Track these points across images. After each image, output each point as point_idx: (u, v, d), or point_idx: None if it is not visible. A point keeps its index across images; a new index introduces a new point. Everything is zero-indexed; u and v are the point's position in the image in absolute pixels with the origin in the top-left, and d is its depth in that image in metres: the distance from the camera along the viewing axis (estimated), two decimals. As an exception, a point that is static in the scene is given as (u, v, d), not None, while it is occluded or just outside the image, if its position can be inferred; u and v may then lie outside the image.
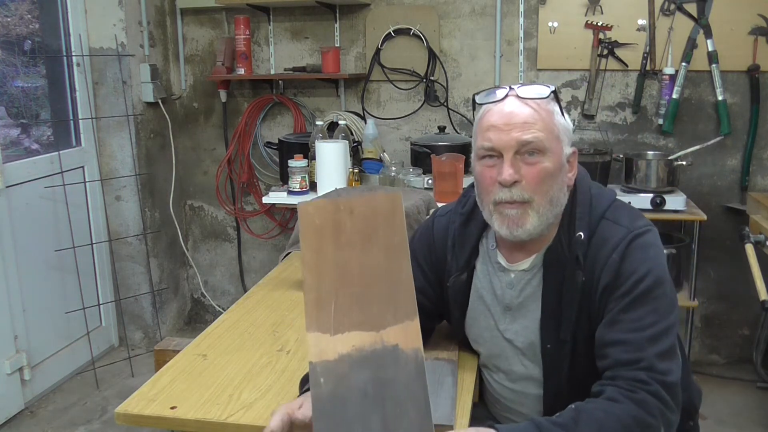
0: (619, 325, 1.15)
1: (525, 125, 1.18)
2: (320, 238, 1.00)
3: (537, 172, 1.18)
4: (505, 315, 1.31)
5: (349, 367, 0.94)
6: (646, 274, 1.16)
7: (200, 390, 1.25)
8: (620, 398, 1.09)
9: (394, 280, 0.99)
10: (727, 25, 2.77)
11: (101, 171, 3.17)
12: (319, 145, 2.68)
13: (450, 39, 3.08)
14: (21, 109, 3.00)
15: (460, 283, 1.35)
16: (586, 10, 2.88)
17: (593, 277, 1.20)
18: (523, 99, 1.20)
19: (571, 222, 1.24)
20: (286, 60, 3.25)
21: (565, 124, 1.23)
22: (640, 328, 1.14)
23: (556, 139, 1.21)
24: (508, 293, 1.30)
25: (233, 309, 1.66)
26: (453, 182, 2.63)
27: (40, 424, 2.67)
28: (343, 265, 0.98)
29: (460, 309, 1.37)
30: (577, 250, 1.21)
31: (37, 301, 2.83)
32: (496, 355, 1.35)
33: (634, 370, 1.11)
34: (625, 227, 1.21)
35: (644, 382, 1.10)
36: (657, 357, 1.12)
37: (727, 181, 2.94)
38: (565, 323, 1.22)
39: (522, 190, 1.18)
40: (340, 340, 0.95)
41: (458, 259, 1.36)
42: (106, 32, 3.06)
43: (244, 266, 3.58)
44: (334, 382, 0.92)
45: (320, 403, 0.91)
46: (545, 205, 1.20)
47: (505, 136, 1.18)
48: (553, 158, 1.19)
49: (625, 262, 1.18)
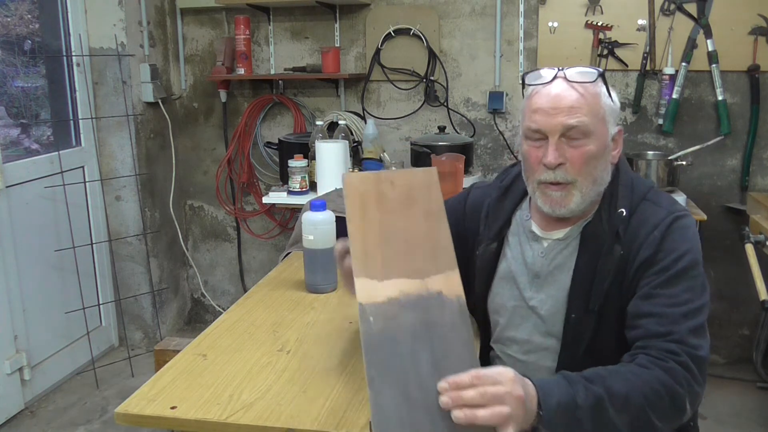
0: (655, 299, 1.18)
1: (571, 110, 1.21)
2: (364, 204, 1.07)
3: (581, 154, 1.22)
4: (533, 283, 1.33)
5: (398, 309, 0.99)
6: (685, 253, 1.20)
7: (200, 390, 1.25)
8: (650, 365, 1.11)
9: (434, 238, 1.06)
10: (727, 25, 2.77)
11: (101, 171, 3.17)
12: (319, 145, 2.68)
13: (450, 39, 3.08)
14: (21, 109, 3.01)
15: (490, 253, 1.39)
16: (586, 10, 2.88)
17: (631, 251, 1.22)
18: (571, 82, 1.23)
19: (612, 199, 1.27)
20: (286, 60, 3.25)
21: (611, 105, 1.26)
22: (676, 304, 1.17)
23: (602, 121, 1.23)
24: (539, 261, 1.32)
25: (233, 309, 1.66)
26: (453, 182, 2.62)
27: (40, 424, 2.67)
28: (387, 226, 1.06)
29: (486, 279, 1.40)
30: (617, 225, 1.24)
31: (37, 301, 2.83)
32: (515, 325, 1.36)
33: (665, 341, 1.14)
34: (666, 209, 1.25)
35: (674, 353, 1.12)
36: (689, 332, 1.15)
37: (727, 181, 2.94)
38: (596, 294, 1.24)
39: (566, 172, 1.23)
40: (387, 286, 1.01)
41: (490, 229, 1.40)
42: (106, 32, 3.06)
43: (244, 266, 3.58)
44: (383, 321, 0.97)
45: (371, 339, 0.95)
46: (588, 185, 1.24)
47: (552, 119, 1.22)
48: (597, 140, 1.23)
49: (666, 240, 1.21)
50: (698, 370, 1.14)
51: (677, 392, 1.10)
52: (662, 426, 1.11)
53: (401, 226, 1.06)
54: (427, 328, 0.99)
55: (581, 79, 1.23)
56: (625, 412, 1.06)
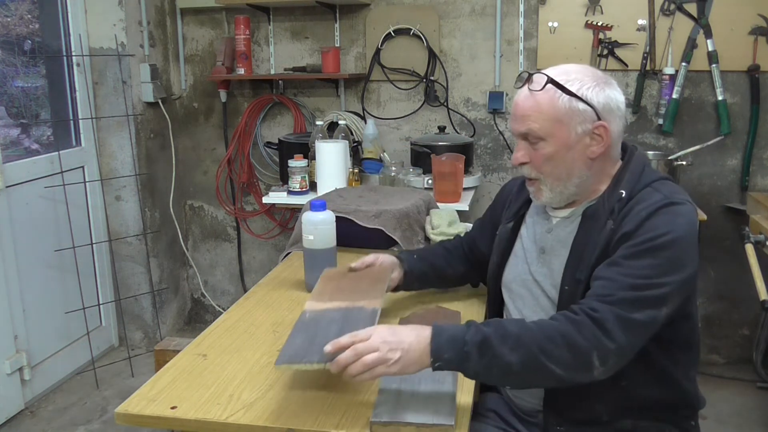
0: (616, 267, 1.22)
1: (523, 117, 1.32)
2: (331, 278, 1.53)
3: (539, 156, 1.33)
4: (539, 258, 1.41)
5: (326, 311, 1.34)
6: (664, 233, 1.21)
7: (200, 390, 1.25)
8: (560, 318, 1.18)
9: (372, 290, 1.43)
10: (727, 25, 2.77)
11: (101, 171, 3.17)
12: (319, 145, 2.68)
13: (450, 39, 3.08)
14: (21, 109, 3.01)
15: (507, 231, 1.52)
16: (586, 10, 2.88)
17: (620, 227, 1.27)
18: (531, 90, 1.31)
19: (617, 183, 1.33)
20: (286, 60, 3.25)
21: (571, 106, 1.28)
22: (629, 275, 1.19)
23: (558, 122, 1.29)
24: (546, 237, 1.41)
25: (233, 309, 1.66)
26: (453, 182, 2.63)
27: (40, 424, 2.67)
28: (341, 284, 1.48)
29: (502, 255, 1.51)
30: (614, 204, 1.30)
31: (37, 301, 2.83)
32: (521, 296, 1.43)
33: (595, 300, 1.18)
34: (664, 195, 1.27)
35: (593, 309, 1.17)
36: (627, 299, 1.17)
37: (727, 181, 2.94)
38: (583, 265, 1.29)
39: (530, 169, 1.36)
40: (326, 304, 1.38)
41: (511, 209, 1.54)
42: (106, 32, 3.06)
43: (244, 266, 3.58)
44: (314, 314, 1.33)
45: (300, 322, 1.30)
46: (553, 181, 1.34)
47: (513, 125, 1.36)
48: (555, 141, 1.30)
49: (651, 219, 1.24)
50: (620, 328, 1.15)
51: (577, 344, 1.14)
52: (566, 374, 1.15)
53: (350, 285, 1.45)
54: (343, 319, 1.29)
55: (534, 87, 1.30)
56: (515, 352, 1.13)
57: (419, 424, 1.12)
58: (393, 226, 2.04)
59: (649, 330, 1.19)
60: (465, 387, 1.27)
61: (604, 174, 1.35)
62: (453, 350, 1.14)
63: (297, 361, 1.14)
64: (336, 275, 1.54)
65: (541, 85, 1.29)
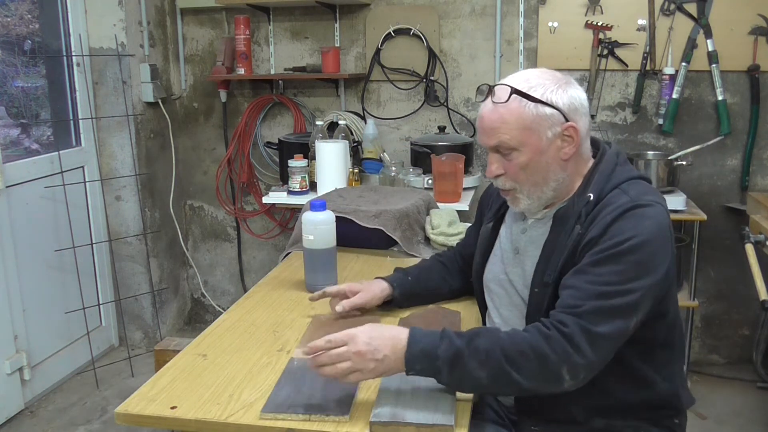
0: (582, 275, 1.23)
1: (491, 131, 1.32)
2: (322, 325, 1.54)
3: (513, 166, 1.33)
4: (514, 258, 1.43)
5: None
6: (629, 238, 1.21)
7: (200, 390, 1.25)
8: (531, 330, 1.20)
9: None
10: (727, 25, 2.77)
11: (101, 171, 3.17)
12: (319, 145, 2.68)
13: (450, 39, 3.08)
14: (21, 109, 3.01)
15: (487, 231, 1.53)
16: (586, 10, 2.88)
17: (587, 231, 1.28)
18: (494, 103, 1.31)
19: (586, 186, 1.34)
20: (286, 60, 3.25)
21: (538, 112, 1.29)
22: (595, 282, 1.20)
23: (528, 130, 1.30)
24: (520, 237, 1.43)
25: (233, 309, 1.66)
26: (453, 182, 2.63)
27: (40, 424, 2.67)
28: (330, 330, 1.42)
29: (483, 255, 1.53)
30: (582, 207, 1.31)
31: (37, 301, 2.83)
32: (499, 296, 1.46)
33: (564, 313, 1.20)
34: (630, 197, 1.27)
35: (563, 324, 1.18)
36: (594, 310, 1.18)
37: (727, 181, 2.94)
38: (551, 268, 1.31)
39: (505, 180, 1.36)
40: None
41: (491, 210, 1.55)
42: (106, 32, 3.06)
43: (244, 266, 3.58)
44: (302, 363, 1.33)
45: (288, 370, 1.32)
46: (530, 188, 1.35)
47: (481, 138, 1.36)
48: (528, 149, 1.31)
49: (616, 223, 1.24)
50: (588, 343, 1.16)
51: (546, 356, 1.15)
52: (536, 387, 1.17)
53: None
54: None
55: (497, 100, 1.30)
56: (484, 367, 1.15)
57: (419, 424, 1.12)
58: (393, 226, 2.04)
59: (618, 341, 1.21)
60: (465, 387, 1.27)
61: (577, 173, 1.36)
62: (425, 363, 1.17)
63: (283, 411, 1.16)
64: (326, 323, 1.54)
65: (505, 97, 1.29)
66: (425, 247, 2.12)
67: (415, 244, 2.10)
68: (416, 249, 2.09)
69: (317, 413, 1.14)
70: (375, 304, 1.59)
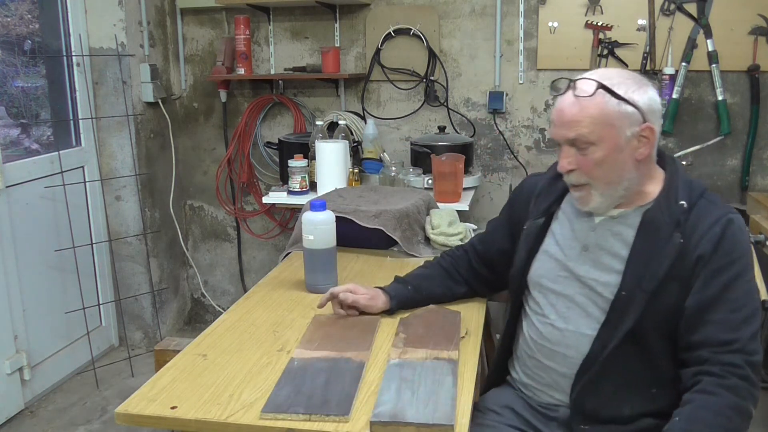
0: (720, 305, 1.26)
1: (571, 123, 1.31)
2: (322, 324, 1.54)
3: (589, 161, 1.32)
4: (581, 255, 1.41)
5: (315, 360, 1.36)
6: (741, 255, 1.29)
7: (200, 390, 1.25)
8: (714, 389, 1.21)
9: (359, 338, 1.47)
10: (727, 25, 2.77)
11: (101, 171, 3.17)
12: (319, 145, 2.68)
13: (450, 39, 3.08)
14: (21, 109, 3.00)
15: (536, 227, 1.50)
16: (586, 10, 2.88)
17: (691, 242, 1.29)
18: (577, 96, 1.31)
19: (671, 191, 1.35)
20: (286, 60, 3.25)
21: (622, 109, 1.30)
22: (736, 309, 1.25)
23: (608, 127, 1.30)
24: (590, 235, 1.41)
25: (233, 309, 1.66)
26: (453, 182, 2.63)
27: (40, 424, 2.67)
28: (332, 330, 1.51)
29: (529, 252, 1.50)
30: (678, 214, 1.31)
31: (37, 301, 2.83)
32: (556, 292, 1.43)
33: (728, 352, 1.23)
34: (722, 207, 1.34)
35: (735, 366, 1.22)
36: (750, 338, 1.24)
37: (727, 181, 2.94)
38: (652, 275, 1.29)
39: (578, 175, 1.35)
40: (315, 353, 1.39)
41: (539, 205, 1.52)
42: (106, 32, 3.06)
43: (244, 266, 3.58)
44: (302, 363, 1.35)
45: (289, 370, 1.32)
46: (603, 186, 1.34)
47: (558, 131, 1.35)
48: (605, 146, 1.31)
49: (726, 238, 1.28)
50: (755, 374, 1.23)
51: (745, 408, 1.21)
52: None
53: (339, 333, 1.49)
54: (330, 370, 1.31)
55: (581, 93, 1.31)
56: None
57: (419, 424, 1.12)
58: (393, 226, 2.04)
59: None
60: (465, 387, 1.27)
61: (647, 176, 1.37)
62: None
63: (283, 411, 1.16)
64: (326, 322, 1.55)
65: (590, 91, 1.30)
66: (425, 247, 2.12)
67: (415, 244, 2.10)
68: (416, 249, 2.09)
69: (317, 413, 1.14)
70: (373, 312, 1.59)
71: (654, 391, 1.34)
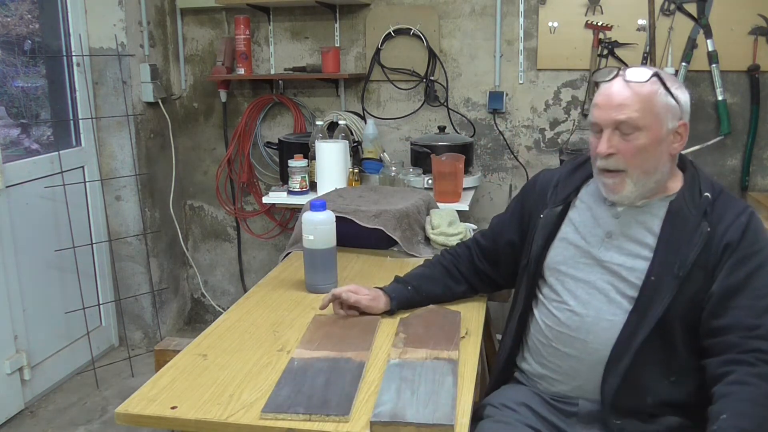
0: (745, 292, 1.29)
1: (621, 106, 1.34)
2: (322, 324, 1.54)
3: (631, 147, 1.35)
4: (604, 242, 1.43)
5: (315, 360, 1.36)
6: (765, 247, 1.34)
7: (200, 390, 1.25)
8: (747, 378, 1.22)
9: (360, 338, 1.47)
10: (727, 25, 2.77)
11: (101, 171, 3.17)
12: (319, 145, 2.68)
13: (450, 39, 3.08)
14: (21, 109, 3.01)
15: (554, 215, 1.52)
16: (586, 10, 2.88)
17: (717, 230, 1.34)
18: (627, 81, 1.35)
19: (694, 184, 1.40)
20: (286, 60, 3.25)
21: (669, 102, 1.36)
22: (761, 297, 1.29)
23: (655, 116, 1.34)
24: (613, 222, 1.44)
25: (233, 309, 1.66)
26: (453, 182, 2.63)
27: (40, 424, 2.67)
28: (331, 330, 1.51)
29: (546, 239, 1.52)
30: (704, 205, 1.36)
31: (37, 301, 2.83)
32: (575, 278, 1.45)
33: (753, 338, 1.25)
34: (743, 203, 1.40)
35: (765, 352, 1.24)
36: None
37: (727, 181, 2.94)
38: (682, 262, 1.33)
39: (617, 161, 1.37)
40: (314, 353, 1.39)
41: (558, 194, 1.55)
42: (106, 32, 3.06)
43: (244, 266, 3.58)
44: (302, 363, 1.35)
45: (289, 370, 1.32)
46: (639, 175, 1.37)
47: (604, 114, 1.37)
48: (649, 134, 1.34)
49: (750, 228, 1.33)
50: None
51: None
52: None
53: (339, 333, 1.49)
54: (330, 370, 1.31)
55: (635, 79, 1.35)
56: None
57: (419, 424, 1.12)
58: (393, 226, 2.04)
59: None
60: (465, 387, 1.27)
61: (672, 172, 1.42)
62: None
63: (283, 411, 1.16)
64: (326, 322, 1.55)
65: (646, 77, 1.34)
66: (425, 247, 2.12)
67: (415, 244, 2.10)
68: (416, 249, 2.09)
69: (317, 413, 1.14)
70: (374, 313, 1.59)
71: (673, 379, 1.35)
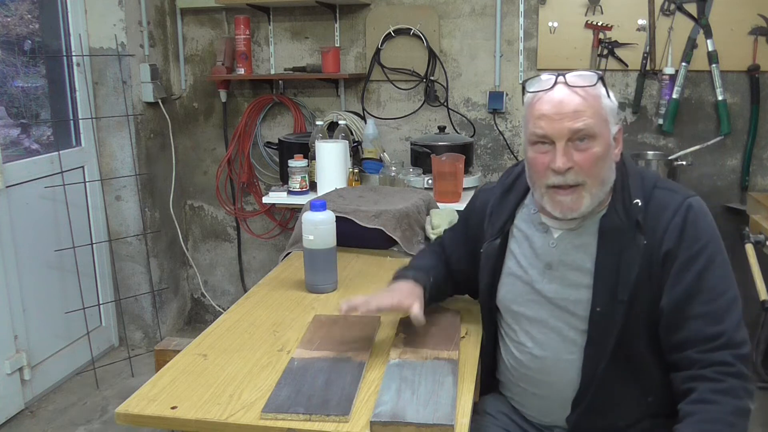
0: (698, 297, 1.20)
1: (575, 114, 1.22)
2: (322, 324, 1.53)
3: (589, 157, 1.23)
4: (545, 274, 1.33)
5: (315, 360, 1.35)
6: (709, 242, 1.22)
7: (200, 390, 1.25)
8: (712, 397, 1.16)
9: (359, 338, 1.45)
10: (727, 25, 2.77)
11: (101, 171, 3.17)
12: (319, 145, 2.68)
13: (450, 39, 3.08)
14: (21, 109, 3.01)
15: (494, 248, 1.41)
16: (586, 10, 2.88)
17: (654, 240, 1.23)
18: (572, 87, 1.24)
19: (624, 191, 1.28)
20: (286, 60, 3.25)
21: (611, 105, 1.28)
22: (715, 297, 1.20)
23: (604, 122, 1.25)
24: (551, 251, 1.33)
25: (233, 309, 1.66)
26: (453, 182, 2.63)
27: (40, 424, 2.67)
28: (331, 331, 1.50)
29: (492, 274, 1.42)
30: (635, 215, 1.25)
31: (37, 301, 2.83)
32: (527, 317, 1.36)
33: (716, 349, 1.18)
34: (679, 193, 1.27)
35: (727, 364, 1.17)
36: (735, 328, 1.20)
37: (727, 181, 2.94)
38: (623, 285, 1.23)
39: (575, 174, 1.24)
40: (314, 353, 1.39)
41: (494, 225, 1.43)
42: (106, 32, 3.06)
43: (244, 266, 3.58)
44: (302, 363, 1.34)
45: (289, 370, 1.32)
46: (597, 186, 1.25)
47: (557, 125, 1.23)
48: (602, 142, 1.24)
49: (687, 227, 1.22)
50: (746, 367, 1.18)
51: (745, 408, 1.16)
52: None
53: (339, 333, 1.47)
54: (330, 370, 1.30)
55: (582, 83, 1.24)
56: None
57: (419, 424, 1.12)
58: (393, 226, 2.04)
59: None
60: (465, 387, 1.27)
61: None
62: None
63: (284, 411, 1.15)
64: (326, 322, 1.53)
65: (593, 81, 1.24)
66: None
67: (415, 244, 2.10)
68: (416, 249, 2.08)
69: (317, 413, 1.14)
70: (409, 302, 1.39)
71: (650, 399, 1.30)
